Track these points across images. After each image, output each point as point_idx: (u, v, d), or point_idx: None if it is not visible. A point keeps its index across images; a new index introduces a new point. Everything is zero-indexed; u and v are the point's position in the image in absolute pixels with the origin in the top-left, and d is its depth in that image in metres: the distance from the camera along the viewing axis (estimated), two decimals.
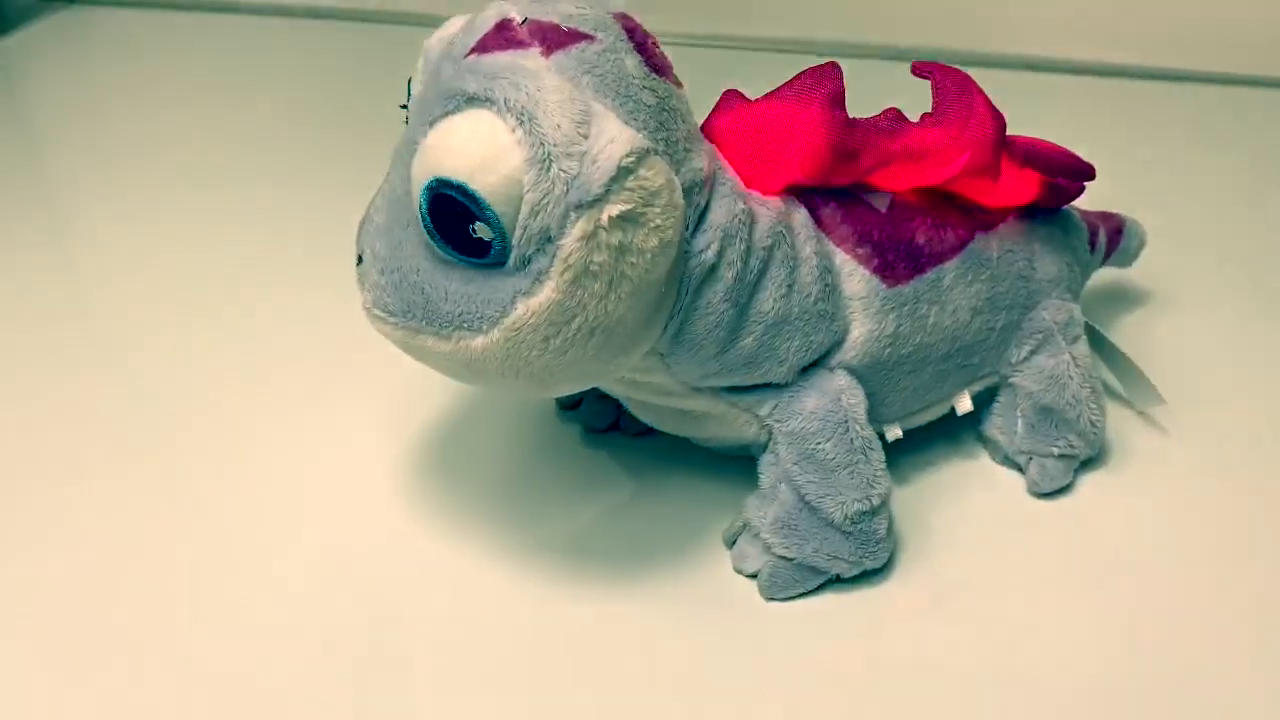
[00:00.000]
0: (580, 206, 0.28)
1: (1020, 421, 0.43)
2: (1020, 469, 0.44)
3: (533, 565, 0.39)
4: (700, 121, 0.35)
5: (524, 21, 0.30)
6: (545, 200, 0.28)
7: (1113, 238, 0.50)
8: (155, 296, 0.57)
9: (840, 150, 0.35)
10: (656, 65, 0.32)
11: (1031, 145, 0.40)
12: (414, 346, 0.31)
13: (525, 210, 0.28)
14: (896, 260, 0.37)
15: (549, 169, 0.28)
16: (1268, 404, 0.49)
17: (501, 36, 0.30)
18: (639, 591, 0.38)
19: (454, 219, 0.29)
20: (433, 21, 0.34)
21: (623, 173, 0.28)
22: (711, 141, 0.34)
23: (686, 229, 0.32)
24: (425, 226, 0.29)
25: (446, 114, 0.29)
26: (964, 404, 0.41)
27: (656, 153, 0.30)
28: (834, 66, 0.35)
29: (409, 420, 0.46)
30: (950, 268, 0.39)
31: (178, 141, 0.75)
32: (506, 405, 0.46)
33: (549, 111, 0.28)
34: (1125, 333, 0.53)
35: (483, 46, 0.30)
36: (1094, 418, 0.43)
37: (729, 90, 0.36)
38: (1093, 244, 0.47)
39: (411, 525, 0.41)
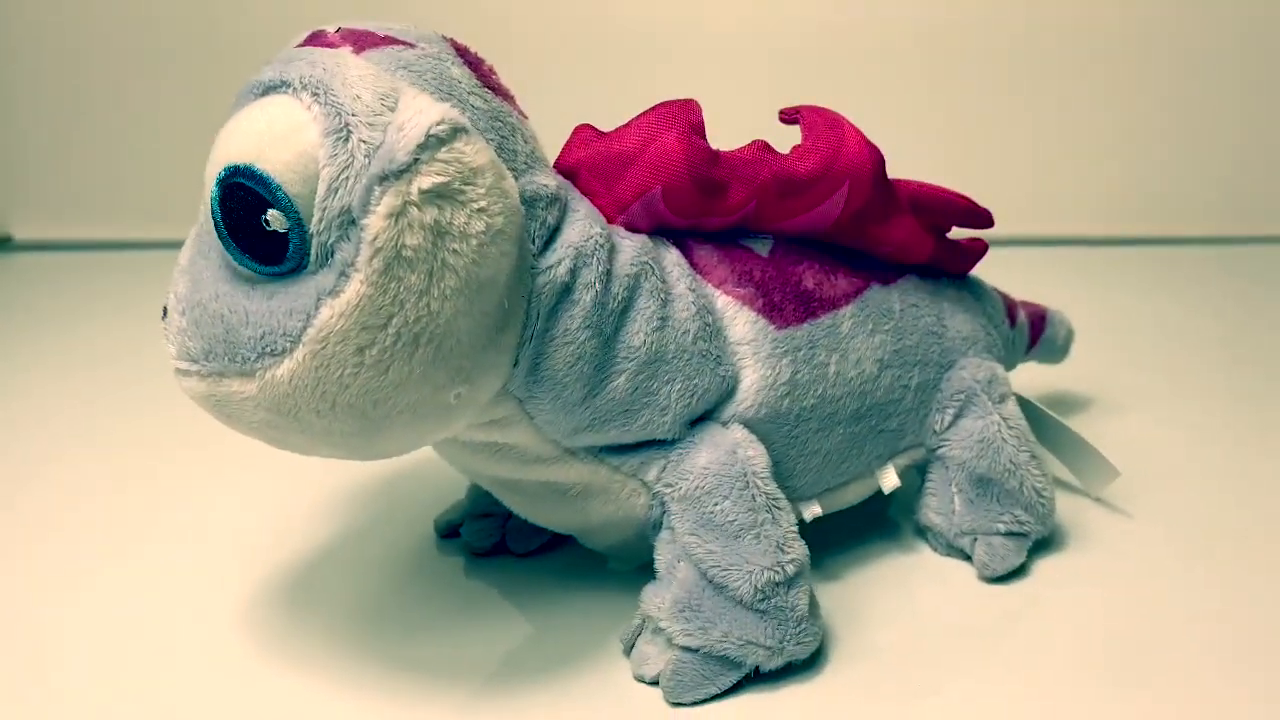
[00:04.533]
0: (385, 178, 0.25)
1: (957, 498, 0.38)
2: (966, 556, 0.39)
3: (414, 697, 0.32)
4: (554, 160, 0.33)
5: (337, 30, 0.28)
6: (344, 174, 0.25)
7: (1035, 323, 0.47)
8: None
9: (703, 180, 0.32)
10: (490, 84, 0.30)
11: (919, 189, 0.38)
12: (221, 400, 0.27)
13: (322, 188, 0.25)
14: (784, 301, 0.34)
15: (347, 139, 0.25)
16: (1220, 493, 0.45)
17: (310, 41, 0.28)
18: (532, 714, 0.32)
19: (247, 215, 0.25)
20: None
21: (433, 141, 0.25)
22: (567, 178, 0.32)
23: (533, 242, 0.29)
24: (219, 234, 0.26)
25: (241, 109, 0.27)
26: (890, 479, 0.37)
27: (481, 136, 0.27)
28: (689, 102, 0.33)
29: (271, 556, 0.41)
30: (846, 314, 0.35)
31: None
32: (378, 538, 0.42)
33: (348, 83, 0.25)
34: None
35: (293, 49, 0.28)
36: (1038, 485, 0.38)
37: (581, 125, 0.34)
38: (1011, 318, 0.44)
39: (277, 670, 0.34)
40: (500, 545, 0.39)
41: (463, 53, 0.30)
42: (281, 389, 0.26)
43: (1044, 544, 0.40)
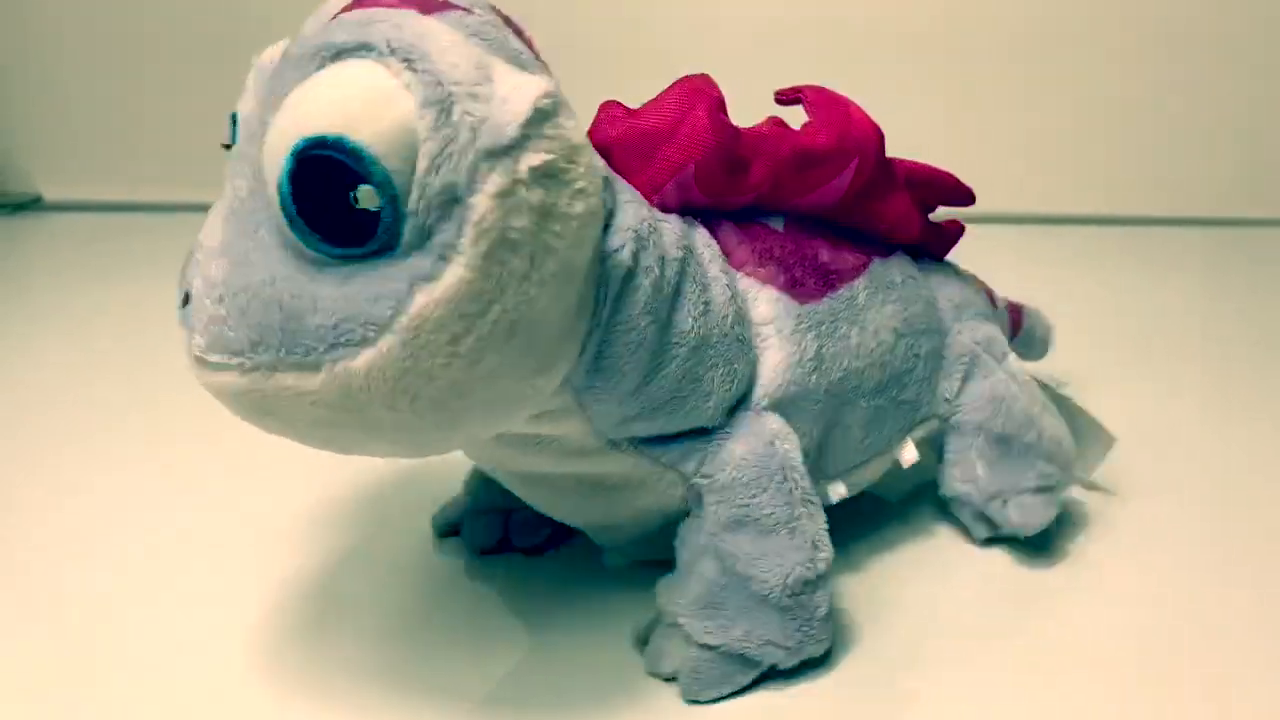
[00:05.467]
0: (494, 154, 0.23)
1: (979, 462, 0.37)
2: (993, 525, 0.38)
3: (427, 700, 0.31)
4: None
5: None
6: (448, 149, 0.22)
7: (1013, 314, 0.47)
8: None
9: (730, 157, 0.31)
10: (536, 55, 0.28)
11: (911, 166, 0.38)
12: (267, 397, 0.24)
13: (424, 163, 0.22)
14: (805, 276, 0.34)
15: (450, 111, 0.22)
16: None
17: (363, 3, 0.25)
18: (548, 711, 0.31)
19: (325, 196, 0.23)
20: None
21: (539, 115, 0.23)
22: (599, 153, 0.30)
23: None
24: (286, 213, 0.23)
25: (308, 76, 0.24)
26: (909, 453, 0.37)
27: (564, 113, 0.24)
28: (709, 77, 0.32)
29: (273, 571, 0.38)
30: (860, 286, 0.35)
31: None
32: (377, 541, 0.40)
33: (443, 50, 0.23)
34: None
35: (343, 13, 0.25)
36: (1055, 433, 0.38)
37: (607, 101, 0.32)
38: (992, 301, 0.44)
39: (287, 689, 0.32)
40: (504, 541, 0.38)
41: (508, 21, 0.28)
42: (355, 382, 0.23)
43: (1055, 530, 0.39)
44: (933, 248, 0.41)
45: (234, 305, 0.24)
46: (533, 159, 0.23)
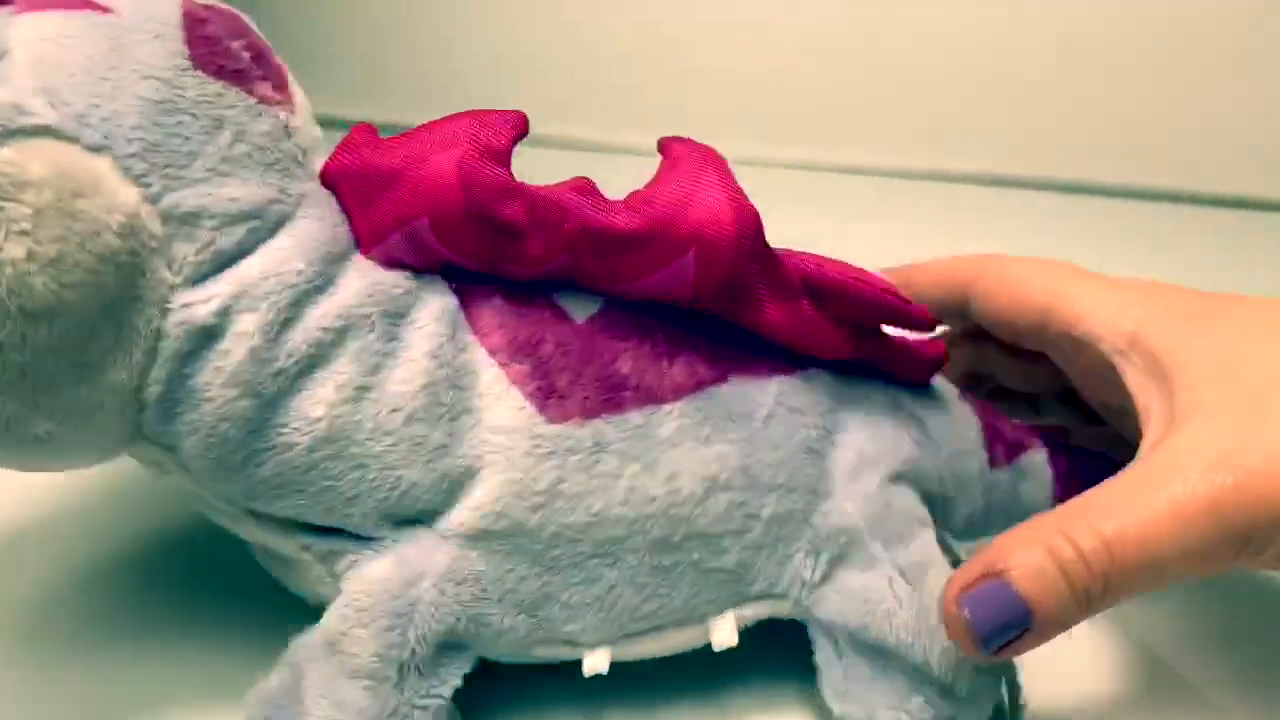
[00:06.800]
0: None
1: (848, 671, 0.28)
2: None
3: None
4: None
5: None
6: None
7: (1010, 447, 0.33)
8: None
9: (487, 218, 0.25)
10: (221, 66, 0.25)
11: (823, 273, 0.28)
12: None
13: None
14: (572, 387, 0.27)
15: None
16: None
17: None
18: None
19: None
20: None
21: None
22: (331, 189, 0.27)
23: (178, 269, 0.24)
24: None
25: None
26: (722, 633, 0.28)
27: (73, 140, 0.22)
28: (515, 114, 0.26)
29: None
30: (672, 413, 0.27)
31: None
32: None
33: None
34: None
35: None
36: (961, 658, 0.27)
37: (360, 125, 0.27)
38: (997, 453, 0.32)
39: None
40: None
41: (198, 22, 0.25)
42: None
43: None
44: (897, 372, 0.30)
45: None
46: None
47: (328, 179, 0.26)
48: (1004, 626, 0.24)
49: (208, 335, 0.24)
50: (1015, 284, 0.31)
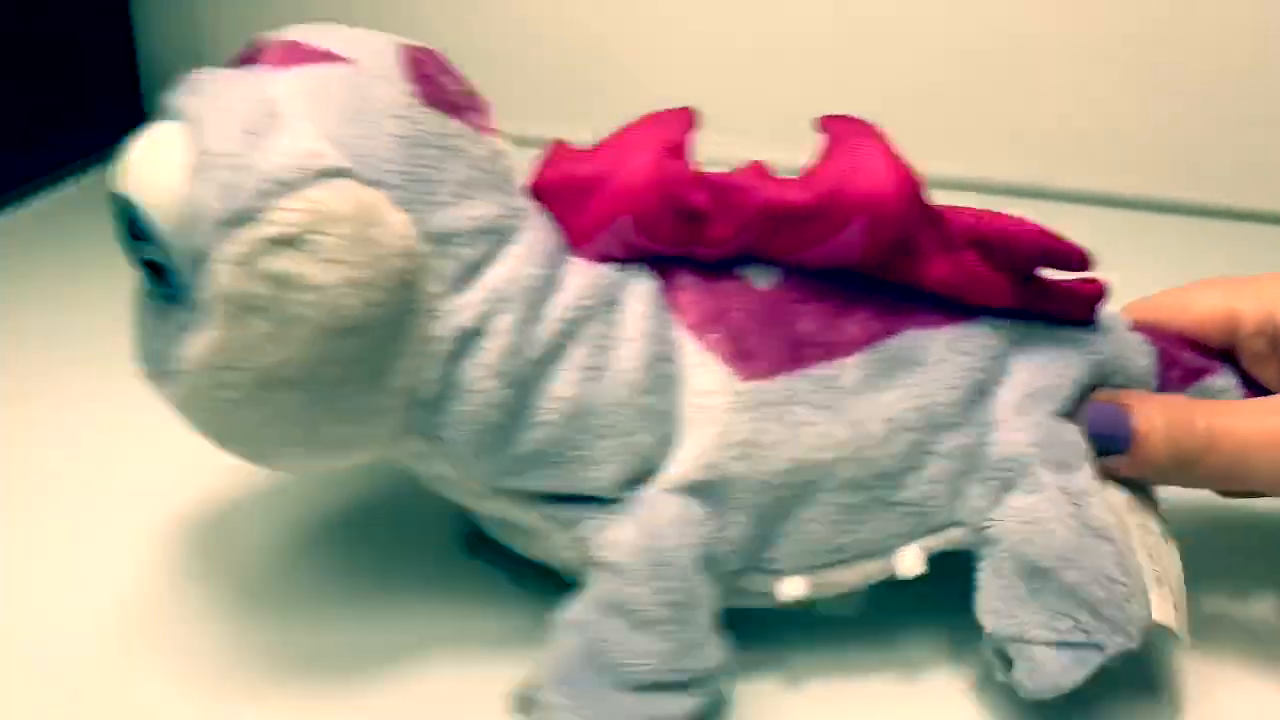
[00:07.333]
0: (229, 223, 0.24)
1: (1006, 592, 0.30)
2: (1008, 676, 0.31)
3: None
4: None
5: (277, 42, 0.28)
6: (198, 214, 0.25)
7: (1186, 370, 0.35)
8: None
9: (682, 208, 0.29)
10: (441, 100, 0.28)
11: (983, 223, 0.30)
12: (165, 401, 0.28)
13: (179, 226, 0.25)
14: (760, 347, 0.30)
15: (204, 178, 0.25)
16: None
17: (246, 57, 0.28)
18: None
19: (135, 240, 0.26)
20: None
21: (280, 187, 0.24)
22: (538, 200, 0.30)
23: (441, 282, 0.27)
24: (122, 248, 0.27)
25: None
26: (907, 563, 0.31)
27: (358, 178, 0.26)
28: (685, 111, 0.30)
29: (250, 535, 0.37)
30: (851, 365, 0.30)
31: None
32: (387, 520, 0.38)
33: (221, 116, 0.25)
34: None
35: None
36: (1110, 580, 0.29)
37: (555, 142, 0.31)
38: (1173, 373, 0.34)
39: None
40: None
41: (416, 63, 0.28)
42: (178, 404, 0.27)
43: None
44: (1057, 312, 0.33)
45: (134, 328, 0.29)
46: (269, 229, 0.24)
47: (535, 191, 0.30)
48: (1108, 438, 0.31)
49: (472, 336, 0.27)
50: None
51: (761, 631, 0.32)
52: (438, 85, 0.28)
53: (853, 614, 0.32)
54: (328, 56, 0.27)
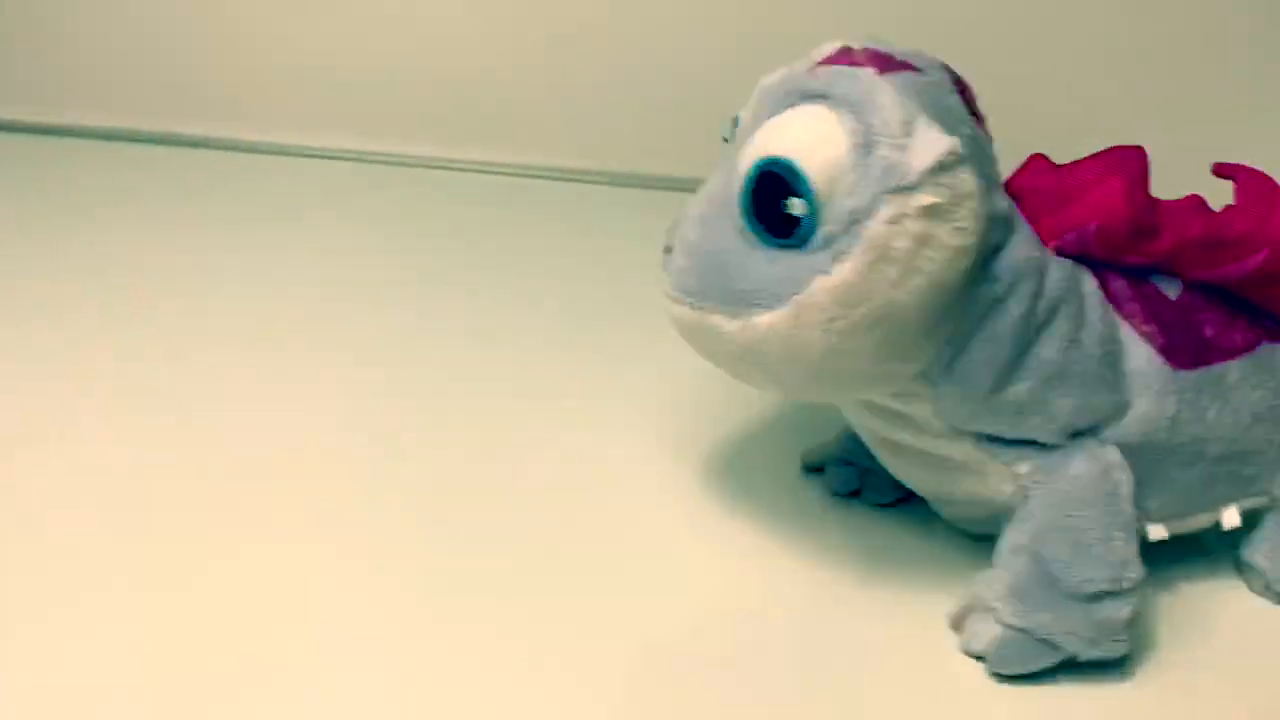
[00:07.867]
0: (894, 190, 0.30)
1: (1278, 542, 0.39)
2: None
3: (743, 632, 0.37)
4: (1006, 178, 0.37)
5: (863, 49, 0.33)
6: (862, 182, 0.30)
7: None
8: None
9: (1138, 224, 0.36)
10: (974, 112, 0.35)
11: None
12: (701, 329, 0.34)
13: (842, 189, 0.31)
14: (1184, 344, 0.37)
15: (870, 154, 0.31)
16: None
17: (840, 58, 0.33)
18: (857, 674, 0.35)
19: (771, 199, 0.32)
20: None
21: (939, 168, 0.30)
22: (1012, 197, 0.36)
23: (978, 252, 0.33)
24: (743, 205, 0.32)
25: (782, 110, 0.33)
26: (1231, 518, 0.39)
27: (971, 164, 0.31)
28: (1139, 150, 0.37)
29: (678, 466, 0.46)
30: (1236, 366, 0.37)
31: None
32: (757, 467, 0.46)
33: (879, 106, 0.31)
34: None
35: (823, 64, 0.33)
36: None
37: (1035, 154, 0.39)
38: None
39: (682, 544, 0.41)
40: (858, 491, 0.44)
41: (957, 81, 0.35)
42: (757, 334, 0.32)
43: None
44: None
45: (694, 262, 0.34)
46: (924, 199, 0.30)
47: (1015, 191, 0.36)
48: None
49: (999, 300, 0.33)
50: None
51: None
52: (970, 97, 0.35)
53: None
54: (908, 66, 0.33)
